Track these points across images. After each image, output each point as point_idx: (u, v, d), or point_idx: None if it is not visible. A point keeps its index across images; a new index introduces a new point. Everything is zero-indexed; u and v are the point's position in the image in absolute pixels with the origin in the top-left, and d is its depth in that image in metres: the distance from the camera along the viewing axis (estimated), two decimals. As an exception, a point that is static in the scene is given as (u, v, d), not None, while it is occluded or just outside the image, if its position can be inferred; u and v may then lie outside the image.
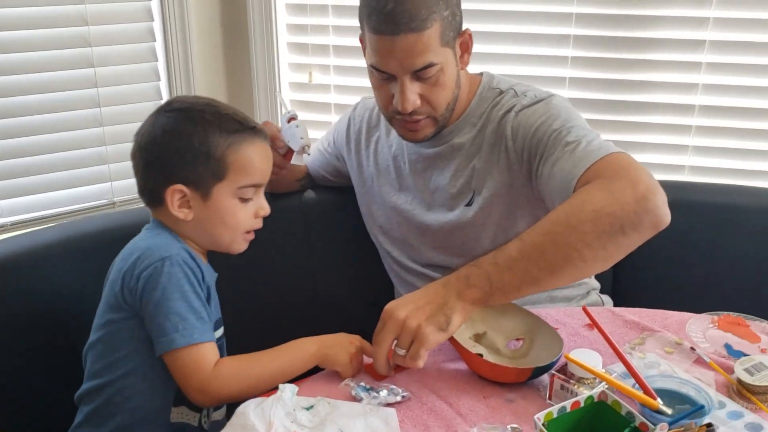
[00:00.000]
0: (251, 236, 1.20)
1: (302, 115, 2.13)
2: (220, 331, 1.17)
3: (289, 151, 1.44)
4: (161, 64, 2.03)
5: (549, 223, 1.08)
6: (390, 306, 1.06)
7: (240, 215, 1.15)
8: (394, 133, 1.42)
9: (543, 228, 1.08)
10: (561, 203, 1.11)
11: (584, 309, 1.01)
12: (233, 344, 1.19)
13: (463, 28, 1.31)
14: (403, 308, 1.04)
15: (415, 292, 1.08)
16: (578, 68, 1.87)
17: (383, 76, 1.27)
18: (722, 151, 1.84)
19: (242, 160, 1.12)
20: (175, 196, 1.11)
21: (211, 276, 1.17)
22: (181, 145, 1.10)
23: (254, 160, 1.14)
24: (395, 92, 1.26)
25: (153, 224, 1.17)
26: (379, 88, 1.31)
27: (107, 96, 1.96)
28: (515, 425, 0.98)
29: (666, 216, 1.07)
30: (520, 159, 1.29)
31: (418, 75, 1.24)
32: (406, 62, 1.23)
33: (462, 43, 1.30)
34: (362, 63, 1.33)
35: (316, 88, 2.10)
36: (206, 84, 2.11)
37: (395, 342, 1.05)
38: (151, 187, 1.13)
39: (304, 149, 1.41)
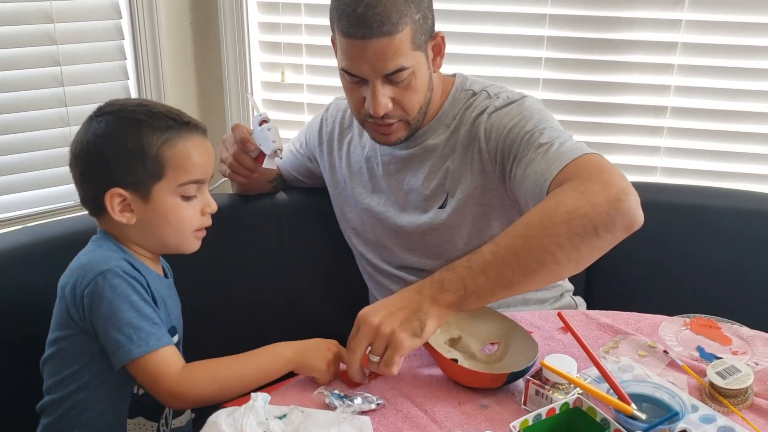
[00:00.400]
0: (202, 234, 1.16)
1: (274, 115, 2.11)
2: (174, 339, 1.14)
3: (261, 155, 1.42)
4: (130, 63, 1.99)
5: (522, 226, 1.08)
6: (364, 312, 1.05)
7: (184, 214, 1.12)
8: (366, 135, 1.41)
9: (516, 231, 1.08)
10: (535, 205, 1.11)
11: (559, 314, 1.01)
12: (203, 348, 1.16)
13: (436, 30, 1.30)
14: (377, 314, 1.03)
15: (389, 298, 1.07)
16: (552, 69, 1.87)
17: (354, 80, 1.26)
18: (694, 153, 1.86)
19: (179, 157, 1.09)
20: (114, 200, 1.08)
21: (161, 284, 1.15)
22: (115, 147, 1.08)
23: (192, 155, 1.11)
24: (367, 96, 1.26)
25: (99, 235, 1.14)
26: (350, 91, 1.30)
27: (74, 95, 1.91)
28: (490, 431, 0.97)
29: (639, 217, 1.07)
30: (493, 161, 1.29)
31: (390, 78, 1.23)
32: (377, 66, 1.21)
33: (434, 45, 1.30)
34: (335, 63, 1.31)
35: (289, 87, 2.07)
36: (176, 83, 2.08)
37: (369, 348, 1.04)
38: (91, 195, 1.11)
39: (276, 153, 1.39)
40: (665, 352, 1.15)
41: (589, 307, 1.51)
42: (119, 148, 1.07)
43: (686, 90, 1.81)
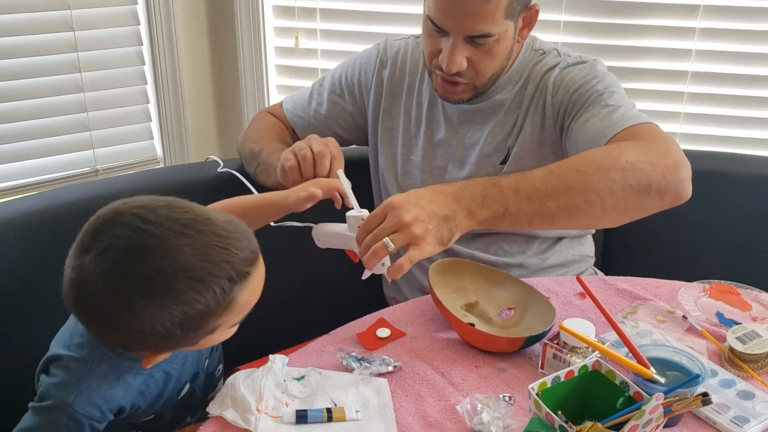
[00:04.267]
0: None
1: (288, 82, 2.10)
2: (185, 389, 1.02)
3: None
4: (143, 28, 1.97)
5: (581, 161, 1.06)
6: (397, 202, 0.99)
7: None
8: (428, 83, 1.38)
9: (573, 164, 1.06)
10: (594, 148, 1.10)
11: (578, 278, 0.99)
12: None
13: (532, 3, 1.26)
14: (411, 210, 0.98)
15: (425, 193, 1.02)
16: (570, 34, 1.84)
17: (436, 29, 1.22)
18: (714, 119, 1.83)
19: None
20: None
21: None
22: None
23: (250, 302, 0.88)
24: (444, 49, 1.23)
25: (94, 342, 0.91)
26: (429, 38, 1.26)
27: (88, 61, 1.91)
28: (507, 394, 0.97)
29: (688, 191, 1.09)
30: (555, 114, 1.28)
31: (473, 40, 1.21)
32: (464, 25, 1.19)
33: (526, 17, 1.26)
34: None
35: (303, 53, 2.05)
36: (189, 46, 2.06)
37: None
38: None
39: (385, 276, 1.05)
40: (684, 317, 1.15)
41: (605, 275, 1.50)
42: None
43: (708, 54, 1.77)
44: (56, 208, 1.36)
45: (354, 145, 1.54)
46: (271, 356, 1.00)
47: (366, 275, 1.04)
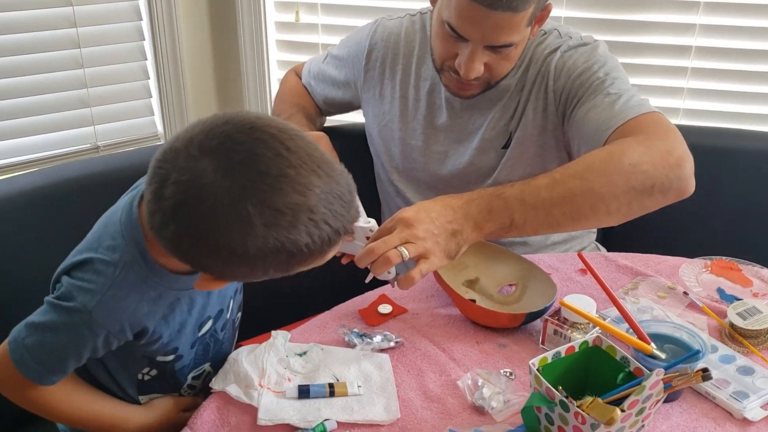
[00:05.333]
0: None
1: (288, 57, 2.08)
2: (206, 327, 0.99)
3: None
4: (142, 3, 1.95)
5: (583, 167, 1.06)
6: (407, 215, 1.00)
7: None
8: (428, 66, 1.35)
9: (576, 171, 1.06)
10: (588, 151, 1.09)
11: (579, 255, 0.99)
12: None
13: (547, 2, 1.23)
14: (421, 224, 0.99)
15: (434, 207, 1.03)
16: (573, 8, 1.82)
17: (455, 36, 1.19)
18: (718, 94, 1.82)
19: None
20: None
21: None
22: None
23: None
24: (461, 54, 1.19)
25: (127, 217, 0.86)
26: (443, 41, 1.22)
27: (87, 36, 1.89)
28: (508, 370, 0.98)
29: (691, 187, 1.08)
30: (557, 100, 1.26)
31: (494, 48, 1.19)
32: (489, 36, 1.16)
33: (540, 16, 1.24)
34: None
35: (303, 28, 2.03)
36: (189, 22, 2.04)
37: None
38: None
39: (392, 283, 1.06)
40: (685, 293, 1.15)
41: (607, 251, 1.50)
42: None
43: (712, 29, 1.75)
44: (57, 185, 1.36)
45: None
46: (273, 332, 1.00)
47: (369, 278, 1.05)
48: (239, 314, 1.09)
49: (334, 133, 1.59)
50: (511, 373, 0.97)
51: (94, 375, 0.97)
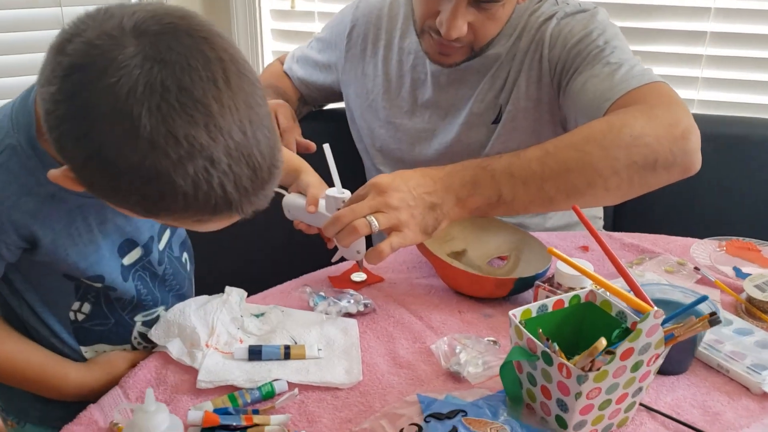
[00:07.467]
0: None
1: (283, 47, 2.01)
2: (135, 253, 0.86)
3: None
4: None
5: (580, 139, 0.96)
6: (383, 183, 0.90)
7: None
8: (411, 39, 1.27)
9: (572, 142, 0.96)
10: (586, 123, 0.99)
11: (574, 208, 0.87)
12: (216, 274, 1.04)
13: None
14: (395, 193, 0.90)
15: (412, 176, 0.93)
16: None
17: None
18: (733, 84, 1.71)
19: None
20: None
21: None
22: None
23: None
24: (443, 11, 1.10)
25: (21, 100, 0.75)
26: None
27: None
28: (492, 338, 0.86)
29: (697, 162, 0.98)
30: (552, 70, 1.16)
31: (479, 4, 1.10)
32: None
33: None
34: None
35: (299, 15, 1.96)
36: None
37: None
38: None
39: (359, 263, 0.98)
40: (696, 269, 1.03)
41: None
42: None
43: (728, 13, 1.66)
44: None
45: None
46: (227, 288, 0.89)
47: (336, 257, 0.95)
48: (186, 257, 0.97)
49: (323, 116, 1.52)
50: (495, 342, 0.85)
51: (24, 322, 0.85)
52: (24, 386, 0.85)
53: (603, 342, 0.61)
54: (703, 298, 0.67)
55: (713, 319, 0.62)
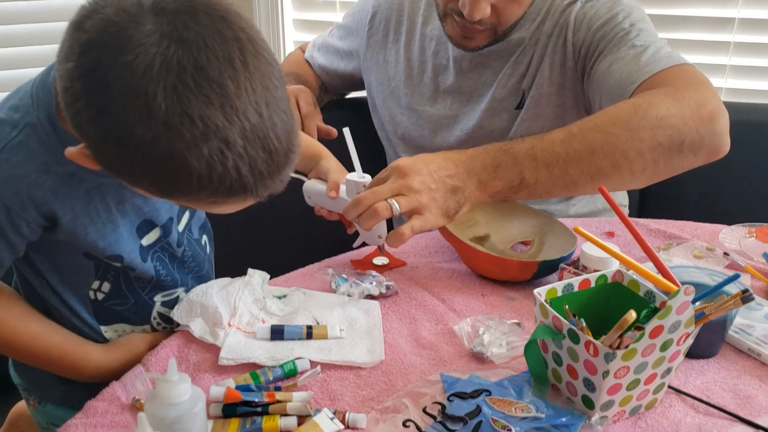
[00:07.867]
0: None
1: (304, 37, 2.00)
2: (153, 234, 0.85)
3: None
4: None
5: (605, 120, 0.94)
6: (405, 166, 0.90)
7: None
8: (433, 25, 1.26)
9: (597, 124, 0.94)
10: (619, 102, 0.97)
11: (600, 189, 0.85)
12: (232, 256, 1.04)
13: None
14: (418, 176, 0.89)
15: (434, 159, 0.93)
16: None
17: None
18: (762, 72, 1.67)
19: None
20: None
21: None
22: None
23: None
24: None
25: (41, 79, 0.75)
26: None
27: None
28: (516, 321, 0.85)
29: (726, 145, 0.96)
30: (576, 54, 1.14)
31: None
32: None
33: None
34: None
35: (321, 5, 1.95)
36: None
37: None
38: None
39: (380, 248, 0.98)
40: (726, 254, 1.01)
41: (639, 226, 1.36)
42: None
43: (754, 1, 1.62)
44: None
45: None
46: (250, 270, 0.89)
47: (358, 242, 0.94)
48: (206, 239, 0.96)
49: (344, 104, 1.51)
50: (519, 324, 0.84)
51: (45, 302, 0.85)
52: (46, 367, 0.86)
53: (633, 314, 0.60)
54: (735, 276, 0.66)
55: (746, 296, 0.61)
